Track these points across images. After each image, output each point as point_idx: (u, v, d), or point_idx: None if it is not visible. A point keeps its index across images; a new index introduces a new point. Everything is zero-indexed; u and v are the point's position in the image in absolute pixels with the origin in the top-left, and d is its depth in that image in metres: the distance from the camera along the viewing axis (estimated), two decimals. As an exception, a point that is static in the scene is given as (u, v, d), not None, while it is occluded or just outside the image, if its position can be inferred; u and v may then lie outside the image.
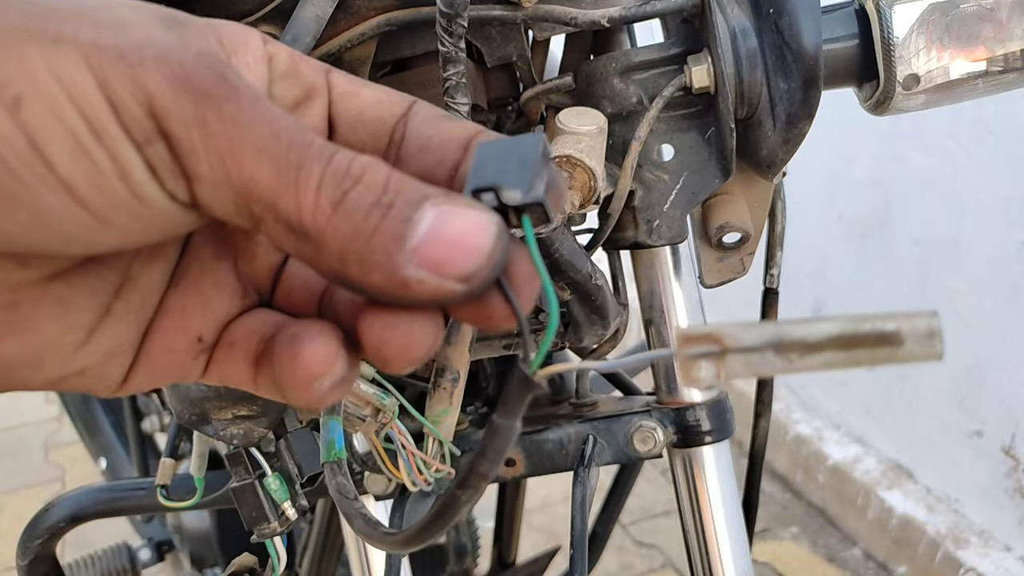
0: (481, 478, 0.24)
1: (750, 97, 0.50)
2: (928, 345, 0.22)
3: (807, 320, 0.22)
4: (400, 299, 0.23)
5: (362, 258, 0.22)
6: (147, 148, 0.21)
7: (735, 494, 0.56)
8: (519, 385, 0.24)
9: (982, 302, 1.62)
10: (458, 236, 0.22)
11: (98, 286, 0.25)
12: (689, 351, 0.23)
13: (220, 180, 0.21)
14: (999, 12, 0.48)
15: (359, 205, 0.22)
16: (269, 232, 0.22)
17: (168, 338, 0.27)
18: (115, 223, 0.21)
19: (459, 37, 0.42)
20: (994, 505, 1.66)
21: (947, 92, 0.50)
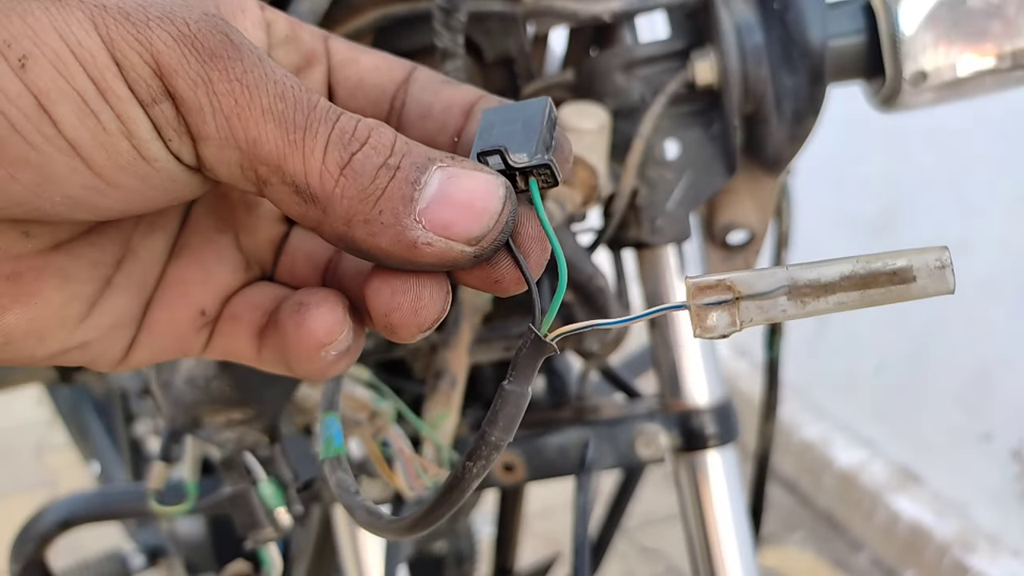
0: (492, 448, 0.23)
1: (755, 93, 0.49)
2: (940, 278, 0.22)
3: (818, 262, 0.22)
4: (407, 263, 0.22)
5: (369, 220, 0.21)
6: (153, 108, 0.21)
7: (740, 499, 0.55)
8: (532, 347, 0.23)
9: (990, 304, 1.61)
10: (466, 198, 0.22)
11: (100, 258, 0.25)
12: (701, 300, 0.22)
13: (226, 140, 0.21)
14: (1007, 8, 0.48)
15: (366, 167, 0.21)
16: (275, 195, 0.22)
17: (170, 311, 0.26)
18: (121, 185, 0.21)
19: (457, 31, 0.41)
20: (1003, 510, 1.64)
21: (955, 89, 0.49)
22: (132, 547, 1.22)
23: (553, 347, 0.23)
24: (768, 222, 0.55)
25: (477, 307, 0.52)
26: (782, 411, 1.06)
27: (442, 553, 1.01)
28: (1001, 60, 0.48)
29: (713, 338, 0.23)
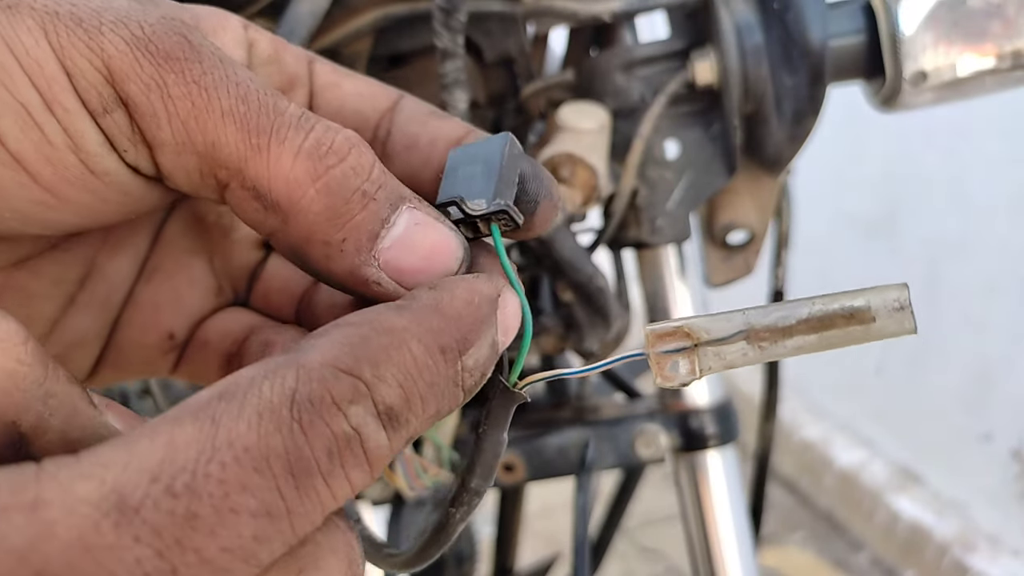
0: (473, 495, 0.24)
1: (755, 93, 0.49)
2: (899, 319, 0.21)
3: (776, 305, 0.22)
4: (347, 291, 0.22)
5: (329, 243, 0.21)
6: (105, 118, 0.20)
7: (740, 499, 0.55)
8: (502, 397, 0.23)
9: (991, 303, 1.61)
10: (427, 251, 0.22)
11: (62, 276, 0.24)
12: (660, 348, 0.22)
13: (183, 146, 0.20)
14: (1007, 8, 0.48)
15: (343, 186, 0.21)
16: (232, 200, 0.21)
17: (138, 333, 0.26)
18: (70, 199, 0.21)
19: (457, 32, 0.41)
20: (1003, 509, 1.64)
21: (955, 89, 0.49)
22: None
23: (523, 396, 0.23)
24: (768, 222, 0.55)
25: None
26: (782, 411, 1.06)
27: (442, 553, 1.01)
28: (1001, 60, 0.48)
29: (674, 387, 0.22)
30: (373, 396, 0.18)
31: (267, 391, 0.17)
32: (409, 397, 0.19)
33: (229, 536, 0.16)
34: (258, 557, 0.16)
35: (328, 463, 0.17)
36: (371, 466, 0.18)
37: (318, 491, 0.17)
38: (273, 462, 0.16)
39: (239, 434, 0.16)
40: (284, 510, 0.16)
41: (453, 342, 0.20)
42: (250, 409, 0.17)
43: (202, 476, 0.16)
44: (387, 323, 0.19)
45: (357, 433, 0.18)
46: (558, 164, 0.46)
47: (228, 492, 0.16)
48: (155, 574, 0.15)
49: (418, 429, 0.19)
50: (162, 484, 0.15)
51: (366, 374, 0.18)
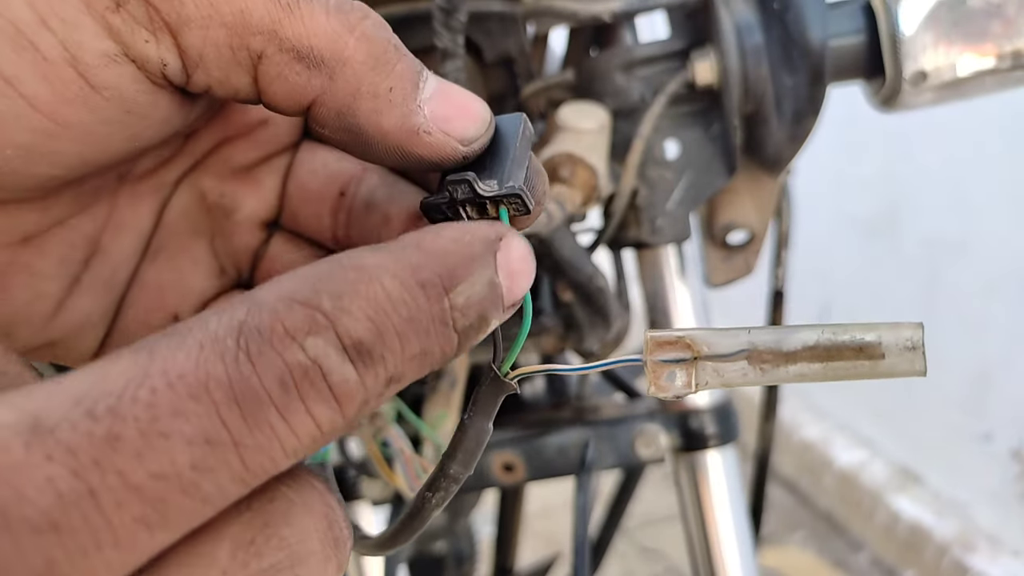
0: (451, 481, 0.23)
1: (755, 93, 0.49)
2: (910, 359, 0.21)
3: (784, 328, 0.21)
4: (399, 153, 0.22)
5: (378, 95, 0.21)
6: (119, 13, 0.19)
7: (740, 499, 0.55)
8: (491, 386, 0.23)
9: (991, 303, 1.61)
10: (463, 101, 0.22)
11: (68, 255, 0.24)
12: (659, 356, 0.22)
13: (210, 19, 0.20)
14: (1007, 8, 0.48)
15: (379, 36, 0.21)
16: (271, 72, 0.21)
17: (143, 313, 0.26)
18: (70, 122, 0.20)
19: (457, 31, 0.41)
20: (1003, 509, 1.64)
21: (955, 89, 0.49)
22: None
23: (513, 386, 0.23)
24: (768, 222, 0.55)
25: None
26: (782, 411, 1.06)
27: (442, 553, 1.01)
28: (1001, 60, 0.48)
29: (667, 398, 0.22)
30: (336, 328, 0.17)
31: (213, 324, 0.16)
32: (382, 331, 0.17)
33: (159, 461, 0.15)
34: (201, 488, 0.15)
35: (282, 394, 0.16)
36: (339, 402, 0.17)
37: (272, 424, 0.16)
38: (213, 389, 0.15)
39: (175, 363, 0.15)
40: (229, 440, 0.15)
41: (435, 277, 0.18)
42: (191, 340, 0.16)
43: (129, 400, 0.15)
44: (357, 259, 0.18)
45: (317, 366, 0.16)
46: (558, 164, 0.46)
47: (157, 416, 0.15)
48: (69, 493, 0.14)
49: (400, 369, 0.18)
50: (83, 407, 0.15)
51: (325, 305, 0.17)
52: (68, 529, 0.14)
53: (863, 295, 1.94)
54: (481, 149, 0.22)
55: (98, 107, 0.20)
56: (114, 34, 0.20)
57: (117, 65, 0.20)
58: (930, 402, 1.78)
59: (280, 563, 0.17)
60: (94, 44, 0.19)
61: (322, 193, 0.27)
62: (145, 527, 0.15)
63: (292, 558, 0.17)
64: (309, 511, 0.18)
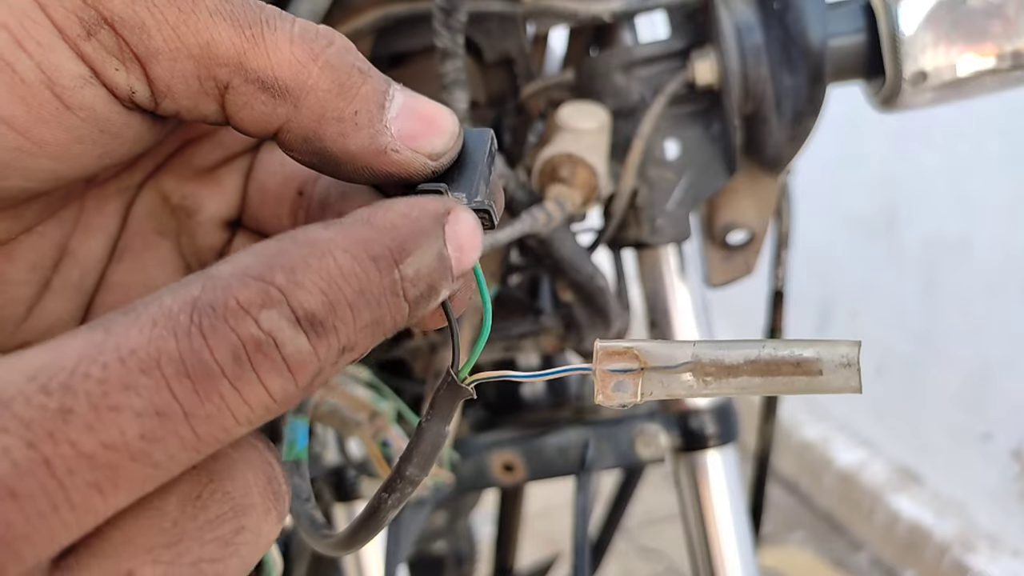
0: (407, 483, 0.23)
1: (755, 93, 0.49)
2: (845, 376, 0.21)
3: (727, 342, 0.22)
4: (367, 171, 0.22)
5: (343, 119, 0.21)
6: (90, 41, 0.20)
7: (740, 499, 0.55)
8: (448, 391, 0.23)
9: (990, 303, 1.60)
10: (430, 115, 0.22)
11: (37, 260, 0.24)
12: (608, 366, 0.23)
13: (177, 51, 0.20)
14: (1007, 8, 0.48)
15: (342, 62, 0.21)
16: (238, 101, 0.21)
17: None
18: (45, 140, 0.20)
19: (457, 32, 0.41)
20: (1003, 509, 1.64)
21: (955, 89, 0.49)
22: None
23: (469, 392, 0.24)
24: (768, 222, 0.55)
25: (477, 307, 0.52)
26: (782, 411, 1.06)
27: (442, 553, 1.01)
28: (1001, 60, 0.48)
29: (612, 406, 0.23)
30: (290, 301, 0.17)
31: (168, 300, 0.17)
32: (334, 304, 0.18)
33: (108, 432, 0.16)
34: (151, 457, 0.16)
35: (235, 367, 0.17)
36: (293, 372, 0.18)
37: (223, 395, 0.17)
38: (164, 364, 0.16)
39: (128, 339, 0.16)
40: (180, 412, 0.16)
41: (386, 250, 0.19)
42: (145, 317, 0.17)
43: (81, 375, 0.16)
44: (310, 235, 0.19)
45: (271, 338, 0.17)
46: (558, 164, 0.46)
47: (107, 391, 0.16)
48: (24, 462, 0.15)
49: (353, 339, 0.19)
50: (37, 383, 0.15)
51: (279, 279, 0.18)
52: (25, 495, 0.15)
53: (863, 295, 1.94)
54: (450, 163, 0.23)
55: (72, 127, 0.21)
56: (86, 60, 0.20)
57: (91, 87, 0.20)
58: (930, 402, 1.78)
59: (224, 515, 0.18)
60: (69, 67, 0.20)
61: (281, 193, 0.27)
62: (97, 491, 0.16)
63: (235, 510, 0.19)
64: (250, 466, 0.19)
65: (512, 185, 0.46)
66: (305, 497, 0.32)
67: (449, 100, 0.43)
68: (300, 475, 0.34)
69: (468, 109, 0.44)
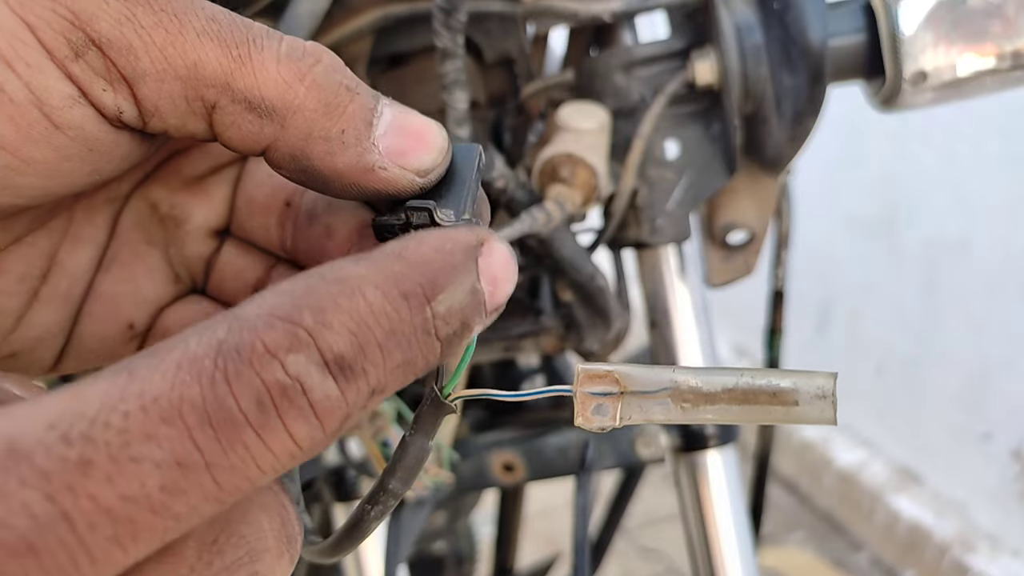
0: (391, 496, 0.24)
1: (755, 93, 0.49)
2: (821, 407, 0.22)
3: (706, 369, 0.23)
4: (355, 189, 0.22)
5: (329, 138, 0.21)
6: (78, 62, 0.20)
7: (740, 499, 0.55)
8: (432, 406, 0.23)
9: (991, 303, 1.61)
10: (419, 131, 0.22)
11: (26, 272, 0.25)
12: (588, 389, 0.23)
13: (164, 72, 0.20)
14: (1007, 8, 0.48)
15: (329, 81, 0.21)
16: (225, 120, 0.21)
17: (98, 324, 0.26)
18: (34, 159, 0.21)
19: (457, 32, 0.41)
20: (1003, 509, 1.64)
21: (955, 89, 0.49)
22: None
23: (452, 408, 0.24)
24: (768, 222, 0.55)
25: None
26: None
27: (442, 553, 1.01)
28: (1001, 60, 0.48)
29: (592, 429, 0.23)
30: (318, 343, 0.17)
31: (193, 343, 0.16)
32: (363, 345, 0.17)
33: (129, 485, 0.15)
34: (171, 509, 0.16)
35: (259, 415, 0.16)
36: (320, 419, 0.17)
37: (247, 444, 0.16)
38: (187, 412, 0.16)
39: (151, 384, 0.16)
40: (201, 463, 0.16)
41: (418, 287, 0.18)
42: (169, 361, 0.16)
43: (101, 425, 0.15)
44: (339, 272, 0.18)
45: (298, 383, 0.17)
46: (558, 164, 0.46)
47: (128, 441, 0.15)
48: (44, 517, 0.15)
49: (383, 381, 0.18)
50: (58, 432, 0.15)
51: (307, 321, 0.17)
52: (45, 551, 0.15)
53: (863, 295, 1.94)
54: (437, 179, 0.23)
55: (61, 145, 0.21)
56: (75, 80, 0.20)
57: (80, 107, 0.21)
58: (930, 402, 1.78)
59: (240, 560, 0.18)
60: (58, 87, 0.20)
61: (269, 204, 0.27)
62: (117, 545, 0.15)
63: (251, 554, 0.18)
64: (265, 510, 0.19)
65: (512, 185, 0.46)
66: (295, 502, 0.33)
67: (449, 100, 0.43)
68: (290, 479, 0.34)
69: (468, 109, 0.44)
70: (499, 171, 0.45)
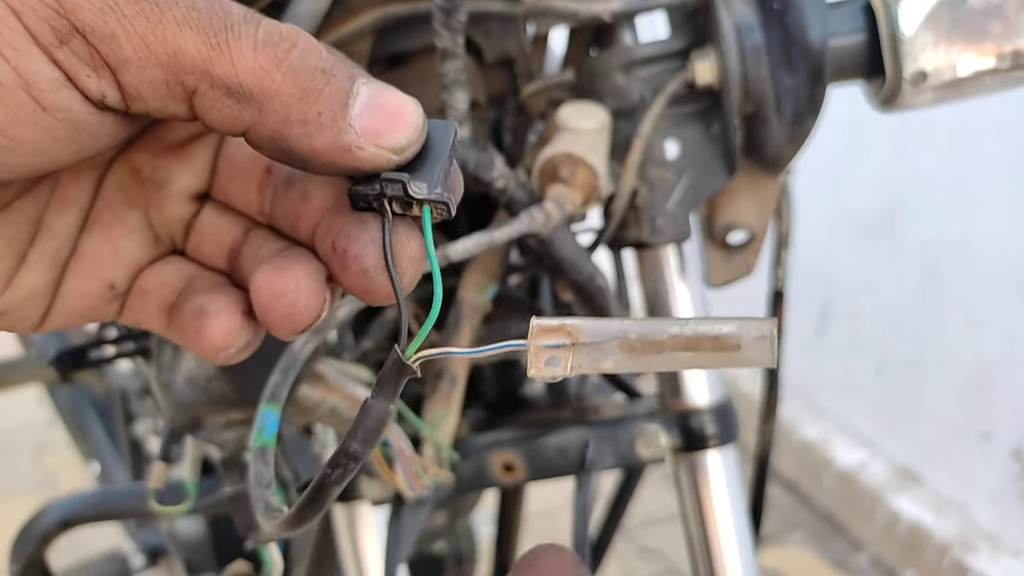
0: (351, 458, 0.24)
1: (755, 93, 0.49)
2: (761, 349, 0.23)
3: (653, 320, 0.24)
4: (333, 167, 0.23)
5: (307, 121, 0.22)
6: (62, 49, 0.21)
7: (740, 499, 0.55)
8: (393, 368, 0.24)
9: (990, 303, 1.61)
10: (395, 110, 0.23)
11: (15, 236, 0.25)
12: (541, 342, 0.24)
13: (146, 59, 0.21)
14: (1007, 8, 0.48)
15: (304, 66, 0.22)
16: (205, 104, 0.22)
17: (82, 282, 0.27)
18: (23, 139, 0.21)
19: (457, 32, 0.41)
20: (1003, 509, 1.64)
21: (955, 89, 0.49)
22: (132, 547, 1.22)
23: (414, 370, 0.24)
24: (768, 222, 0.55)
25: (477, 307, 0.52)
26: (782, 411, 1.06)
27: (442, 553, 1.01)
28: (1001, 60, 0.48)
29: (543, 378, 0.24)
30: None
31: None
32: None
33: None
34: None
35: None
36: None
37: None
38: None
39: None
40: None
41: None
42: None
43: None
44: None
45: None
46: (558, 164, 0.46)
47: None
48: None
49: None
50: None
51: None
52: None
53: (863, 295, 1.94)
54: (413, 155, 0.24)
55: (49, 126, 0.22)
56: (60, 65, 0.21)
57: (66, 90, 0.21)
58: (930, 402, 1.78)
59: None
60: (44, 71, 0.21)
61: (249, 169, 0.29)
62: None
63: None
64: None
65: (512, 185, 0.46)
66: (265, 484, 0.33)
67: (449, 100, 0.43)
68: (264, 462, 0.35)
69: (468, 109, 0.44)
70: (499, 171, 0.45)
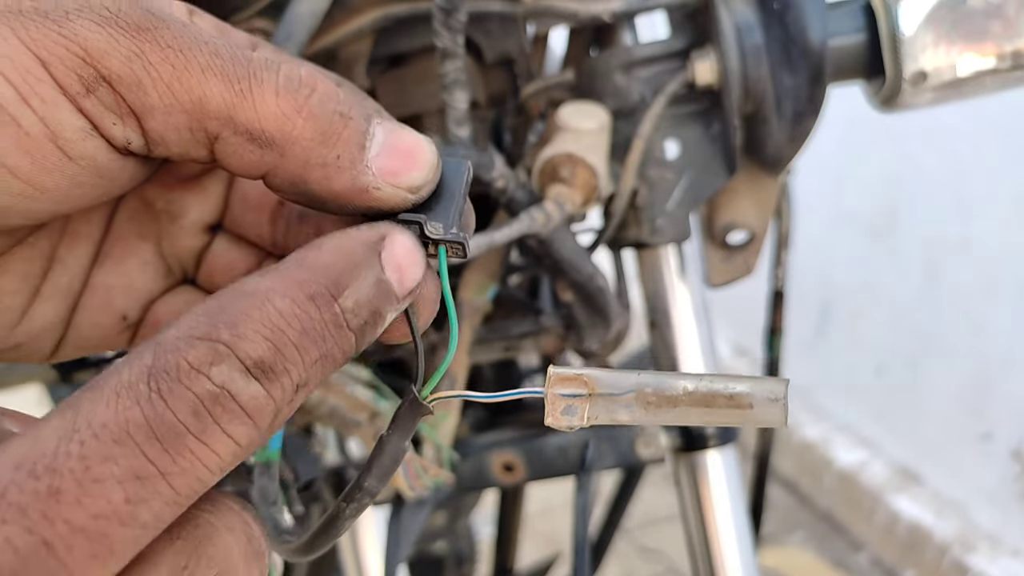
0: (366, 494, 0.24)
1: (755, 93, 0.49)
2: (773, 411, 0.23)
3: (669, 374, 0.24)
4: (351, 207, 0.24)
5: (326, 163, 0.23)
6: (89, 98, 0.21)
7: (740, 499, 0.55)
8: (409, 407, 0.24)
9: (991, 303, 1.61)
10: (410, 149, 0.23)
11: (29, 271, 0.26)
12: (558, 391, 0.24)
13: (171, 107, 0.21)
14: (1007, 8, 0.48)
15: (324, 110, 0.22)
16: (227, 149, 0.22)
17: (94, 315, 0.28)
18: (47, 188, 0.22)
19: (457, 32, 0.41)
20: (1003, 509, 1.64)
21: (955, 89, 0.49)
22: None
23: (429, 409, 0.25)
24: (768, 222, 0.55)
25: (477, 307, 0.52)
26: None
27: (442, 553, 1.01)
28: (1001, 60, 0.48)
29: (560, 428, 0.24)
30: (237, 353, 0.19)
31: (125, 373, 0.18)
32: (280, 347, 0.19)
33: (97, 503, 0.17)
34: (138, 518, 0.17)
35: (197, 422, 0.18)
36: (252, 417, 0.19)
37: (192, 449, 0.18)
38: (134, 431, 0.17)
39: (97, 414, 0.17)
40: (155, 472, 0.18)
41: (322, 288, 0.20)
42: (108, 391, 0.18)
43: (62, 455, 0.17)
44: (247, 287, 0.20)
45: (225, 390, 0.18)
46: (558, 164, 0.46)
47: (89, 466, 0.17)
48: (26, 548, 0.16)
49: (304, 376, 0.20)
50: (24, 470, 0.17)
51: (223, 335, 0.19)
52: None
53: (863, 295, 1.94)
54: (428, 194, 0.24)
55: (73, 174, 0.22)
56: (86, 115, 0.21)
57: (92, 139, 0.22)
58: (930, 402, 1.78)
59: None
60: (71, 121, 0.21)
61: (262, 202, 0.29)
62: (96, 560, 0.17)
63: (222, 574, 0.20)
64: (231, 531, 0.20)
65: (512, 185, 0.46)
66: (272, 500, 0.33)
67: (449, 100, 0.43)
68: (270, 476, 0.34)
69: (468, 109, 0.44)
70: (499, 171, 0.45)
